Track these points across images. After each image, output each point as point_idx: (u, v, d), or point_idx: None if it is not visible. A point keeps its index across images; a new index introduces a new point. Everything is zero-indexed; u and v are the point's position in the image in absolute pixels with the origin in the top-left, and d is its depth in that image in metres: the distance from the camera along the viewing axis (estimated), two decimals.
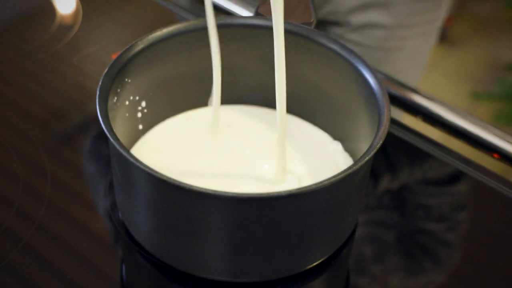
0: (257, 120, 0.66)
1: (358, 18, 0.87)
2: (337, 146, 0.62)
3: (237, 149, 0.62)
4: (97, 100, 0.52)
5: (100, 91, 0.53)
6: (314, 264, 0.56)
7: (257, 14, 0.64)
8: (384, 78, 0.75)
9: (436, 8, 0.89)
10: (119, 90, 0.57)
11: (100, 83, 0.54)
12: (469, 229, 0.63)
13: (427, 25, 0.90)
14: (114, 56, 0.57)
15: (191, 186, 0.47)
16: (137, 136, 0.63)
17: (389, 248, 0.61)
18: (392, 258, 0.60)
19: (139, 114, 0.62)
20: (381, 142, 0.51)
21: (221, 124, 0.64)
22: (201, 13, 0.85)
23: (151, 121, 0.64)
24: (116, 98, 0.56)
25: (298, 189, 0.47)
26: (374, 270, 0.59)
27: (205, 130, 0.64)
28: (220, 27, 0.62)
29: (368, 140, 0.55)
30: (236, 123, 0.65)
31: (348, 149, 0.62)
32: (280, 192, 0.47)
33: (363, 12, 0.87)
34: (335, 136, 0.64)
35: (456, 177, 0.68)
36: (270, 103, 0.67)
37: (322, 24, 0.90)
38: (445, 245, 0.61)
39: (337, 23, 0.89)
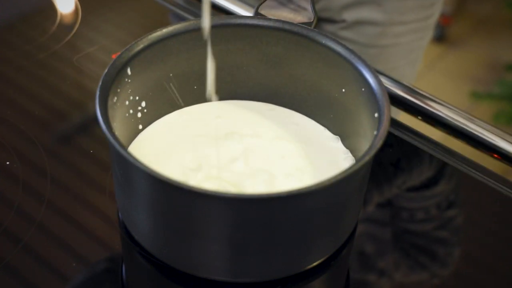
0: (252, 112, 0.65)
1: (351, 15, 0.87)
2: (337, 142, 0.62)
3: (234, 142, 0.62)
4: (97, 100, 0.52)
5: (100, 91, 0.53)
6: (314, 264, 0.56)
7: (257, 14, 0.64)
8: (385, 80, 0.75)
9: (430, 5, 0.89)
10: (119, 90, 0.57)
11: (100, 83, 0.54)
12: (469, 229, 0.63)
13: (421, 22, 0.90)
14: (114, 56, 0.57)
15: (191, 186, 0.47)
16: (137, 136, 0.62)
17: (389, 248, 0.61)
18: (392, 258, 0.60)
19: (139, 114, 0.62)
20: (381, 142, 0.51)
21: (216, 117, 0.64)
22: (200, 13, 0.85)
23: (151, 121, 0.64)
24: (116, 98, 0.56)
25: (298, 189, 0.47)
26: (374, 270, 0.59)
27: (201, 124, 0.64)
28: (220, 27, 0.62)
29: (368, 139, 0.55)
30: (231, 115, 0.65)
31: (348, 147, 0.62)
32: (280, 192, 0.47)
33: (356, 8, 0.86)
34: (335, 134, 0.64)
35: (455, 176, 0.68)
36: (269, 101, 0.67)
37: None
38: (446, 244, 0.61)
39: (330, 20, 0.89)
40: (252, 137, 0.63)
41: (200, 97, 0.66)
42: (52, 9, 0.86)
